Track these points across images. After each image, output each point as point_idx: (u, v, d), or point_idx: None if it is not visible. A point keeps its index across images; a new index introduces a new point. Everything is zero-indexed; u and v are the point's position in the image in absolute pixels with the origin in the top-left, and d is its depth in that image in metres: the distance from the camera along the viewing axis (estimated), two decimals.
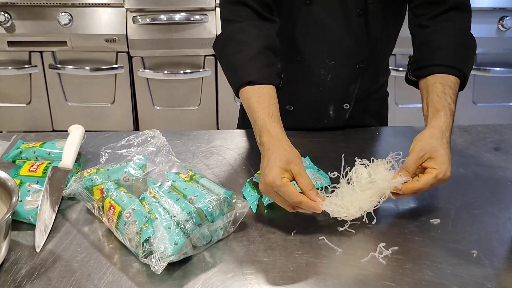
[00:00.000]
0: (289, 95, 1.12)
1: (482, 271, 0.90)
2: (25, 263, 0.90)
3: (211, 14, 2.62)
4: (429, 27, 1.19)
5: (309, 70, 1.30)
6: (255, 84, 1.09)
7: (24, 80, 2.74)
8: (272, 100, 1.07)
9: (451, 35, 1.18)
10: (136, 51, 2.66)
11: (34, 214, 0.98)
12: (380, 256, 0.92)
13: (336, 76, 1.31)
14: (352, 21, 1.23)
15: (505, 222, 1.03)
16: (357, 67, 1.29)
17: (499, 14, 2.71)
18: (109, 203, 0.95)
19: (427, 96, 1.11)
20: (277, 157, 0.96)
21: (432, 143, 1.00)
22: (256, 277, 0.88)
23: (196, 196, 0.94)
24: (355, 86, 1.33)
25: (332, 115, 1.37)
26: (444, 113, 1.06)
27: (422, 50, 1.20)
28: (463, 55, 1.17)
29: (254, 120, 1.06)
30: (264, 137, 1.01)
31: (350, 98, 1.35)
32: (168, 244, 0.86)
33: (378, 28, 1.27)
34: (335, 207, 0.96)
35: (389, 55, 1.40)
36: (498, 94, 2.94)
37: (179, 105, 2.85)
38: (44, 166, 1.09)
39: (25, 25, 2.60)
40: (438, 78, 1.12)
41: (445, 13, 1.19)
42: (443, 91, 1.09)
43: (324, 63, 1.29)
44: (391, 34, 1.34)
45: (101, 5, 2.61)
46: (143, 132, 1.16)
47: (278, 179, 0.93)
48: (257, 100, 1.07)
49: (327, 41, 1.26)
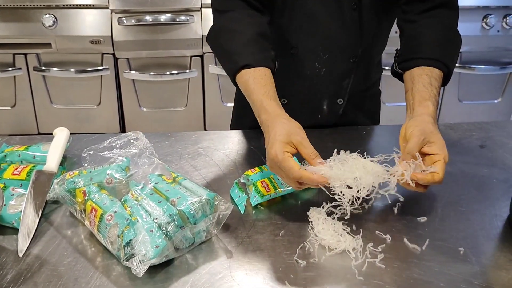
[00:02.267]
0: (283, 88, 1.13)
1: (469, 268, 0.90)
2: (10, 268, 0.89)
3: (196, 14, 2.61)
4: (416, 22, 1.22)
5: (303, 63, 1.31)
6: (250, 67, 1.10)
7: (8, 83, 2.71)
8: (268, 80, 1.09)
9: (438, 30, 1.21)
10: (122, 53, 2.65)
11: (17, 218, 0.97)
12: (368, 255, 0.92)
13: (330, 70, 1.32)
14: (346, 15, 1.24)
15: (491, 219, 1.04)
16: (351, 61, 1.31)
17: (483, 12, 2.74)
18: (91, 205, 0.95)
19: (412, 86, 1.13)
20: (277, 131, 0.98)
21: (429, 128, 1.01)
22: (245, 278, 0.87)
23: (179, 198, 0.93)
24: (348, 81, 1.34)
25: (326, 110, 1.38)
26: (432, 103, 1.08)
27: (409, 44, 1.22)
28: (449, 50, 1.20)
29: (252, 101, 1.08)
30: (262, 115, 1.04)
31: (344, 93, 1.36)
32: (150, 247, 0.85)
33: (371, 22, 1.28)
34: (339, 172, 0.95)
35: (381, 51, 1.42)
36: (483, 91, 2.97)
37: (166, 107, 2.84)
38: (28, 169, 1.08)
39: (8, 27, 2.58)
40: (424, 70, 1.14)
41: (433, 10, 1.22)
42: (429, 82, 1.11)
43: (318, 56, 1.30)
44: (383, 30, 1.35)
45: (86, 7, 2.60)
46: (126, 134, 1.15)
47: (279, 153, 0.94)
48: (253, 82, 1.09)
49: (321, 35, 1.27)
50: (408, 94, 1.13)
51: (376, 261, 0.91)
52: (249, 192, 1.08)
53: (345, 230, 0.97)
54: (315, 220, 0.99)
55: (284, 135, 0.97)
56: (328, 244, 0.94)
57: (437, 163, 0.97)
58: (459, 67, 2.79)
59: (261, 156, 1.24)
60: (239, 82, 1.13)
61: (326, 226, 0.97)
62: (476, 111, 3.02)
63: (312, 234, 0.97)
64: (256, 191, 1.06)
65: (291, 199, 1.09)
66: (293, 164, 0.94)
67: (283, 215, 1.03)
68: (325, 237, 0.95)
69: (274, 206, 1.06)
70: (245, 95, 1.11)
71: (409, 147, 0.99)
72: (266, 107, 1.04)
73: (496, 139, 1.35)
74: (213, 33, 1.22)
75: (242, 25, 1.16)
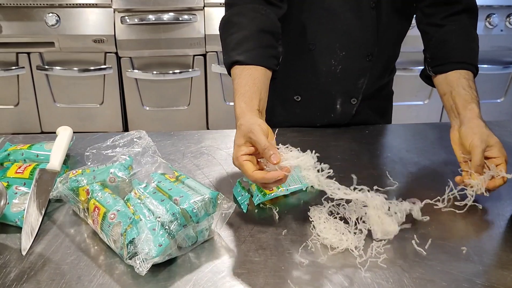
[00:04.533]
0: (297, 85, 1.14)
1: (471, 267, 0.90)
2: (14, 267, 0.89)
3: (199, 13, 2.61)
4: (445, 26, 1.26)
5: (320, 60, 1.32)
6: (241, 64, 1.09)
7: (11, 82, 2.72)
8: (250, 80, 1.07)
9: (464, 34, 1.26)
10: (125, 52, 2.65)
11: (21, 216, 0.97)
12: (371, 254, 0.92)
13: (345, 68, 1.32)
14: (365, 13, 1.25)
15: (493, 219, 1.04)
16: (367, 60, 1.31)
17: (486, 11, 2.73)
18: (94, 204, 0.95)
19: (451, 90, 1.18)
20: (236, 136, 0.97)
21: (485, 132, 1.08)
22: (248, 277, 0.87)
23: (181, 197, 0.93)
24: (363, 81, 1.35)
25: (339, 110, 1.39)
26: (476, 105, 1.14)
27: (440, 48, 1.25)
28: (475, 52, 1.26)
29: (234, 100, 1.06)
30: (236, 117, 1.02)
31: (358, 93, 1.36)
32: (153, 246, 0.85)
33: (389, 22, 1.29)
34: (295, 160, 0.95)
35: (397, 54, 1.44)
36: (486, 91, 2.96)
37: (169, 106, 2.84)
38: (31, 168, 1.08)
39: (12, 26, 2.58)
40: (461, 73, 1.20)
41: (458, 14, 1.26)
42: (468, 85, 1.17)
43: (335, 53, 1.30)
44: (400, 32, 1.37)
45: (89, 6, 2.60)
46: (129, 132, 1.15)
47: (235, 158, 0.95)
48: (237, 81, 1.08)
49: (339, 31, 1.28)
50: (447, 97, 1.19)
51: (379, 261, 0.91)
52: (251, 191, 1.08)
53: (347, 228, 0.97)
54: (316, 220, 0.99)
55: (241, 138, 0.96)
56: (330, 243, 0.94)
57: (501, 166, 1.05)
58: None
59: None
60: (231, 78, 1.12)
61: (328, 225, 0.97)
62: None
63: (314, 233, 0.97)
64: (258, 190, 1.06)
65: (293, 198, 1.09)
66: (247, 168, 0.93)
67: (286, 214, 1.03)
68: (326, 236, 0.95)
69: (277, 205, 1.06)
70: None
71: (476, 159, 1.04)
72: (236, 109, 1.02)
73: (499, 139, 1.34)
74: (221, 25, 1.23)
75: (245, 20, 1.16)
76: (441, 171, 1.20)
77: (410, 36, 1.44)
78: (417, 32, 1.31)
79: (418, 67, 2.63)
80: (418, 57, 2.55)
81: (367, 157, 1.26)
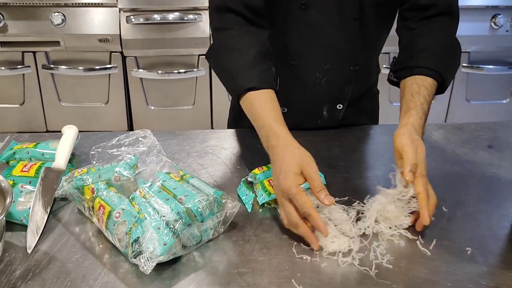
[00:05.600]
0: (283, 97, 1.12)
1: (476, 268, 0.90)
2: (19, 264, 0.89)
3: (204, 13, 2.61)
4: (415, 29, 1.22)
5: (304, 73, 1.30)
6: (255, 89, 1.08)
7: (17, 81, 2.73)
8: (275, 103, 1.07)
9: (436, 38, 1.20)
10: (130, 51, 2.66)
11: (26, 215, 0.98)
12: (375, 255, 0.92)
13: (331, 79, 1.31)
14: (348, 25, 1.23)
15: (498, 219, 1.03)
16: (351, 69, 1.30)
17: (491, 12, 2.73)
18: (99, 203, 0.95)
19: (403, 96, 1.13)
20: (290, 161, 0.96)
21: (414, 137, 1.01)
22: (252, 277, 0.88)
23: (186, 196, 0.94)
24: (349, 88, 1.33)
25: (326, 116, 1.37)
26: (416, 111, 1.07)
27: (405, 52, 1.22)
28: (445, 58, 1.18)
29: (259, 125, 1.05)
30: (272, 141, 1.01)
31: (344, 99, 1.35)
32: (157, 245, 0.86)
33: (372, 31, 1.27)
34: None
35: (379, 54, 1.41)
36: (491, 91, 2.96)
37: (173, 105, 2.85)
38: (37, 166, 1.09)
39: (18, 25, 2.59)
40: (416, 79, 1.14)
41: (433, 17, 1.21)
42: (417, 91, 1.11)
43: (319, 67, 1.29)
44: (383, 36, 1.35)
45: (94, 5, 2.61)
46: (134, 132, 1.15)
47: (293, 186, 0.93)
48: (259, 105, 1.06)
49: (322, 45, 1.26)
50: (400, 104, 1.13)
51: (383, 261, 0.91)
52: (256, 190, 1.08)
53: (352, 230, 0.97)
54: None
55: (297, 166, 0.95)
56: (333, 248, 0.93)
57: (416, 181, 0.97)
58: (467, 67, 2.78)
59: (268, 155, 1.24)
60: (243, 104, 1.10)
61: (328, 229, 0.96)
62: (484, 111, 3.00)
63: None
64: (263, 189, 1.06)
65: None
66: (307, 200, 0.93)
67: None
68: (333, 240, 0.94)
69: None
70: (251, 118, 1.09)
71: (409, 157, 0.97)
72: (276, 132, 1.01)
73: (504, 139, 1.34)
74: (214, 52, 1.20)
75: (243, 44, 1.14)
76: (447, 172, 1.20)
77: None
78: None
79: None
80: None
81: (372, 157, 1.25)
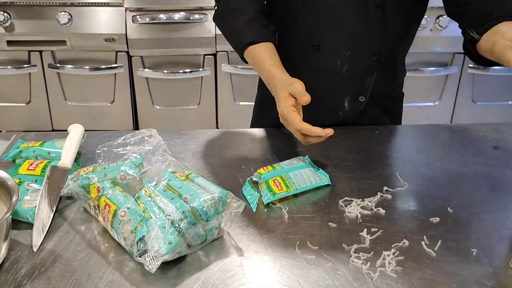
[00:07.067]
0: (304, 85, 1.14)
1: (481, 269, 0.90)
2: (25, 263, 0.90)
3: (210, 13, 2.62)
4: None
5: (325, 60, 1.32)
6: (255, 43, 1.22)
7: (23, 80, 2.74)
8: (273, 52, 1.21)
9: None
10: (136, 51, 2.67)
11: (32, 213, 0.98)
12: (380, 255, 0.92)
13: (352, 67, 1.32)
14: (370, 12, 1.24)
15: (504, 220, 1.03)
16: (373, 59, 1.30)
17: None
18: (105, 201, 0.95)
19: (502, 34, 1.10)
20: (280, 90, 1.10)
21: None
22: (257, 276, 0.88)
23: (191, 195, 0.94)
24: (370, 79, 1.34)
25: (347, 107, 1.38)
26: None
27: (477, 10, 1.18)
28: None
29: (261, 72, 1.21)
30: (271, 82, 1.16)
31: (366, 91, 1.36)
32: (162, 243, 0.86)
33: (396, 21, 1.28)
34: None
35: (405, 52, 1.41)
36: (498, 92, 2.94)
37: (179, 105, 2.85)
38: (43, 165, 1.09)
39: (24, 24, 2.60)
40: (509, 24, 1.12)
41: None
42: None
43: (340, 53, 1.30)
44: (408, 30, 1.35)
45: (101, 5, 2.61)
46: (140, 131, 1.16)
47: (284, 107, 1.06)
48: (259, 55, 1.21)
49: (344, 31, 1.27)
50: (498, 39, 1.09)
51: (388, 261, 0.91)
52: (261, 190, 1.08)
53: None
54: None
55: (284, 91, 1.09)
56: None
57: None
58: (473, 67, 2.76)
59: (273, 154, 1.24)
60: (247, 57, 1.25)
61: None
62: (490, 112, 2.99)
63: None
64: (268, 189, 1.06)
65: (303, 198, 1.09)
66: (295, 117, 1.04)
67: (295, 214, 1.03)
68: None
69: (286, 205, 1.06)
70: (254, 67, 1.23)
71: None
72: (274, 74, 1.16)
73: (510, 140, 1.34)
74: (218, 14, 1.34)
75: (243, 4, 1.27)
76: (452, 173, 1.20)
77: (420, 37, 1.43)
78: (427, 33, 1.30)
79: (429, 67, 2.63)
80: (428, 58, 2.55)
81: (377, 157, 1.25)
